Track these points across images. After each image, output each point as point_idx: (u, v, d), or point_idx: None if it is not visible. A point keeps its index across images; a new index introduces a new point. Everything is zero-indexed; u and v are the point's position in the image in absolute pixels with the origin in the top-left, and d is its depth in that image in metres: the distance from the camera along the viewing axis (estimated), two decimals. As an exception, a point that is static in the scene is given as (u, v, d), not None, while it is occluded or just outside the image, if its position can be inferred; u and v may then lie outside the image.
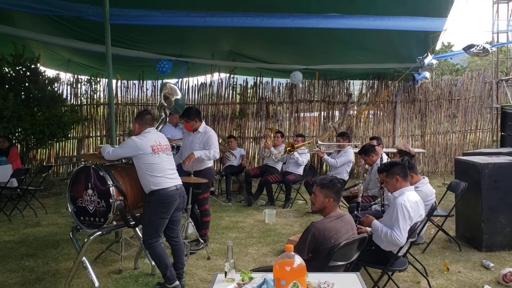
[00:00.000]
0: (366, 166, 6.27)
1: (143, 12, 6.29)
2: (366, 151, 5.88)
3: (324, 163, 9.71)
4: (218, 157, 5.46)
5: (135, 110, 10.69)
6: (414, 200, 3.64)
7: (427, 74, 9.97)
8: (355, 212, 4.39)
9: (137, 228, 4.44)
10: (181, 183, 4.10)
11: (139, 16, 6.23)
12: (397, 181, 3.76)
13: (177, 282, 3.94)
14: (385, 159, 5.76)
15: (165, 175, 3.91)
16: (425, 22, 7.07)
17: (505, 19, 10.29)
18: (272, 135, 8.46)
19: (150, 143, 3.89)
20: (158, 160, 3.89)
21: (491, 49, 8.56)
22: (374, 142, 6.42)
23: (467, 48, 8.77)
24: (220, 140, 9.03)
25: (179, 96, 5.02)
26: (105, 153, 3.88)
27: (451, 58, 22.81)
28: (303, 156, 7.88)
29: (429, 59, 8.90)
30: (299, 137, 8.22)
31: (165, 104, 4.82)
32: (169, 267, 3.91)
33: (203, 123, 5.42)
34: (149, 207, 3.91)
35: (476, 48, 8.61)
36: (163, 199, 3.86)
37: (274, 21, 6.46)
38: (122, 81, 10.67)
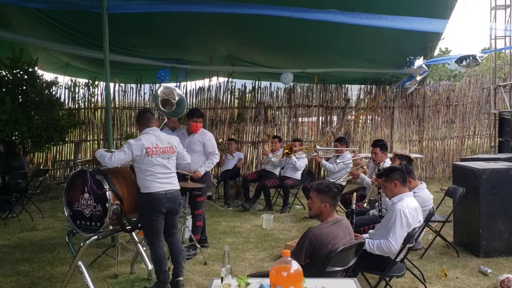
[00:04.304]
0: (365, 166, 6.24)
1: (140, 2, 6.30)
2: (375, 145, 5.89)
3: (322, 168, 9.71)
4: (218, 160, 5.55)
5: (133, 114, 10.69)
6: (413, 206, 3.63)
7: (418, 78, 9.91)
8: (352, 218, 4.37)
9: (133, 233, 4.42)
10: (175, 189, 4.05)
11: (137, 4, 6.23)
12: (396, 186, 3.75)
13: (169, 285, 4.00)
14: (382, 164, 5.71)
15: (155, 179, 3.89)
16: (425, 22, 7.05)
17: (503, 25, 10.33)
18: (269, 141, 8.46)
19: (145, 145, 3.86)
20: (150, 164, 3.87)
21: (480, 59, 8.44)
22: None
23: (459, 61, 8.71)
24: (221, 140, 9.03)
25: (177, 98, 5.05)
26: (106, 159, 3.82)
27: (449, 64, 22.88)
28: (300, 161, 7.86)
29: (420, 62, 8.79)
30: (296, 142, 8.22)
31: (164, 110, 4.84)
32: (163, 271, 3.97)
33: None
34: (141, 210, 3.99)
35: (465, 61, 8.51)
36: (149, 202, 3.88)
37: (273, 11, 6.45)
38: (120, 85, 10.66)
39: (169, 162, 4.03)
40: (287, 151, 7.69)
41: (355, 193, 5.11)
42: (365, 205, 5.13)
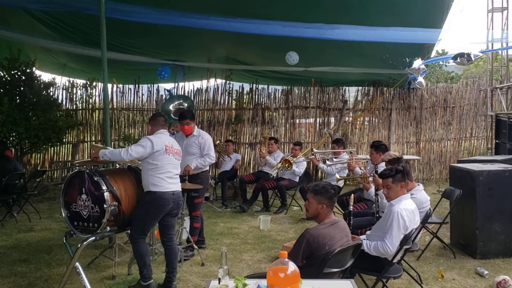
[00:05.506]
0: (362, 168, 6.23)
1: (139, 9, 6.29)
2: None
3: (319, 170, 9.71)
4: (213, 162, 5.54)
5: (131, 115, 10.68)
6: (410, 208, 3.63)
7: (421, 79, 9.94)
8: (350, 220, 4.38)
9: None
10: (180, 190, 4.17)
11: (135, 12, 6.23)
12: (401, 188, 3.74)
13: (152, 281, 4.03)
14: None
15: (168, 178, 3.99)
16: (419, 33, 7.08)
17: (499, 31, 10.36)
18: (266, 142, 8.44)
19: (165, 143, 4.01)
20: (166, 161, 3.98)
21: (474, 57, 8.43)
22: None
23: (455, 58, 8.72)
24: (218, 142, 9.02)
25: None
26: (122, 153, 3.85)
27: (446, 65, 22.95)
28: (300, 167, 7.86)
29: (418, 63, 8.87)
30: (297, 146, 8.07)
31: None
32: (147, 265, 4.00)
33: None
34: (142, 206, 3.99)
35: (460, 59, 8.51)
36: (157, 201, 3.92)
37: (269, 29, 6.50)
38: (118, 86, 10.64)
39: (178, 164, 4.21)
40: (287, 165, 7.59)
41: (352, 194, 5.12)
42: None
